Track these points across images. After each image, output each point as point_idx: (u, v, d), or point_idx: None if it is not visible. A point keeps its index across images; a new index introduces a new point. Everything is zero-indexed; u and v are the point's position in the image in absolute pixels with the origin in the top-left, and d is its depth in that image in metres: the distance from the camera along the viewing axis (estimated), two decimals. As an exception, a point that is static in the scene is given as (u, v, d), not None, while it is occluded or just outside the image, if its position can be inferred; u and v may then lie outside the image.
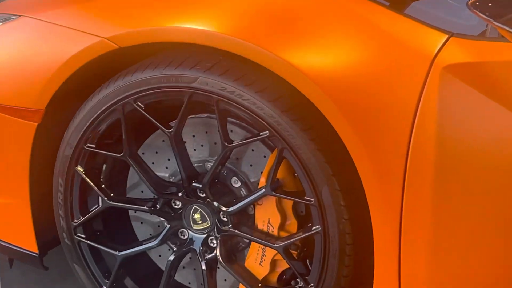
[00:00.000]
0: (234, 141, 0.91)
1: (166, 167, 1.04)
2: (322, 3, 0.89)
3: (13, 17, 1.07)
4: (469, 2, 0.84)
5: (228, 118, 0.93)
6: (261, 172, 0.96)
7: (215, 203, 0.96)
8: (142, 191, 1.07)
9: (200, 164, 1.00)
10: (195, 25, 0.88)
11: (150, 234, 1.08)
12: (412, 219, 0.82)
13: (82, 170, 1.00)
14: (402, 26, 0.84)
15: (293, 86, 0.83)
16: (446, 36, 0.80)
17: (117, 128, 0.97)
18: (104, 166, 1.04)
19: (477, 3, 0.83)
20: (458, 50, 0.79)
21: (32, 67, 1.00)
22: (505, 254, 0.82)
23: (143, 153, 1.04)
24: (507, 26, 0.77)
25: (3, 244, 1.13)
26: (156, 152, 1.04)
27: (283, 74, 0.83)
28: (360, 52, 0.84)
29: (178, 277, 1.07)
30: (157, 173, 1.01)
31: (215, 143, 1.00)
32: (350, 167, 0.84)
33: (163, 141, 1.02)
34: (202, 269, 0.99)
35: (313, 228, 0.89)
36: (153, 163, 1.04)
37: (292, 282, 0.98)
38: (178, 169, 0.97)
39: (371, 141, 0.82)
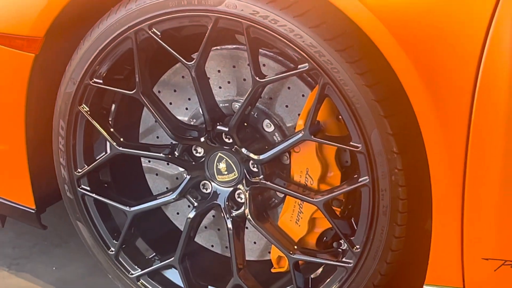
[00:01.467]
0: (266, 76, 0.79)
1: (186, 108, 0.94)
2: None
3: None
4: None
5: (260, 49, 0.82)
6: (299, 114, 0.84)
7: (244, 150, 0.85)
8: (157, 137, 0.98)
9: (227, 104, 0.90)
10: None
11: (167, 188, 0.99)
12: (478, 172, 0.72)
13: (87, 110, 0.89)
14: None
15: (337, 9, 0.73)
16: None
17: (128, 60, 0.86)
18: (113, 106, 0.95)
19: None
20: None
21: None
22: None
23: (159, 92, 0.94)
24: None
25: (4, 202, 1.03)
26: (175, 91, 0.95)
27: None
28: None
29: (199, 239, 0.99)
30: (176, 115, 0.89)
31: (244, 80, 0.88)
32: (405, 108, 0.73)
33: (183, 77, 0.92)
34: (227, 228, 0.88)
35: (360, 179, 0.79)
36: (170, 103, 0.94)
37: (334, 244, 0.89)
38: (200, 110, 0.85)
39: (433, 77, 0.71)
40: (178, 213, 1.01)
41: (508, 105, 0.68)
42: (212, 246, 1.01)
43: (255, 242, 0.95)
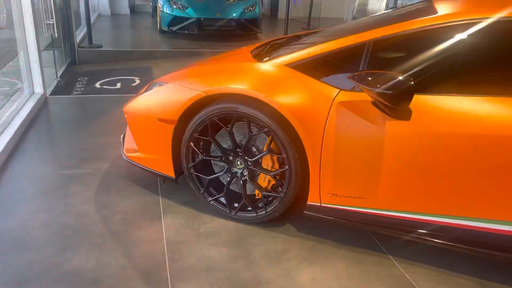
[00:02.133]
0: (253, 132, 2.32)
1: (226, 142, 2.47)
2: (290, 78, 2.23)
3: (164, 83, 2.51)
4: (348, 76, 2.13)
5: (250, 123, 2.33)
6: (264, 144, 2.36)
7: (246, 157, 2.39)
8: (216, 153, 2.51)
9: (240, 141, 2.42)
10: (238, 86, 2.26)
11: (220, 170, 2.53)
12: (324, 159, 2.15)
13: (192, 145, 2.44)
14: (321, 85, 2.16)
15: (277, 111, 2.20)
16: (339, 90, 2.12)
17: (206, 127, 2.39)
18: (201, 142, 2.47)
19: (351, 77, 2.12)
20: (343, 95, 2.10)
21: (174, 102, 2.41)
22: (363, 172, 2.16)
23: (216, 137, 2.46)
24: (363, 85, 2.03)
25: (161, 174, 2.60)
26: (222, 137, 2.47)
27: (273, 105, 2.19)
28: (303, 97, 2.18)
29: (231, 187, 2.53)
30: (222, 145, 2.44)
31: (245, 133, 2.41)
32: (300, 144, 2.20)
33: (225, 132, 2.43)
34: (240, 183, 2.44)
35: (285, 167, 2.29)
36: (220, 141, 2.46)
37: (278, 189, 2.40)
38: (231, 144, 2.40)
39: (309, 134, 2.15)
40: (223, 178, 2.57)
41: (332, 138, 2.15)
42: (235, 189, 2.56)
43: (250, 188, 2.50)
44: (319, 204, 2.24)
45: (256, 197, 2.46)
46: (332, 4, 12.62)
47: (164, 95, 2.47)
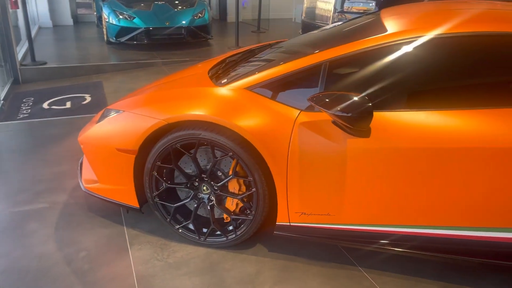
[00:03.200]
0: (217, 157, 2.29)
1: (190, 168, 2.42)
2: (251, 102, 2.21)
3: (120, 111, 2.42)
4: (307, 98, 2.14)
5: (214, 148, 2.29)
6: (229, 168, 2.34)
7: (211, 182, 2.36)
8: (180, 179, 2.46)
9: (204, 165, 2.39)
10: (198, 112, 2.22)
11: (186, 197, 2.48)
12: (290, 179, 2.14)
13: (155, 174, 2.38)
14: (282, 107, 2.16)
15: (240, 135, 2.18)
16: (299, 111, 2.13)
17: (169, 155, 2.34)
18: (164, 170, 2.42)
19: (310, 99, 2.12)
20: (304, 116, 2.11)
21: (133, 131, 2.34)
22: (326, 189, 2.18)
23: (180, 163, 2.41)
24: (323, 108, 2.04)
25: (124, 204, 2.52)
26: (186, 163, 2.42)
27: (236, 129, 2.16)
28: (265, 119, 2.17)
29: (198, 212, 2.49)
30: (186, 171, 2.40)
31: (210, 157, 2.38)
32: (265, 166, 2.18)
33: (188, 158, 2.39)
34: (208, 208, 2.40)
35: (252, 189, 2.27)
36: (184, 167, 2.42)
37: (246, 211, 2.38)
38: (195, 169, 2.36)
39: (274, 155, 2.13)
40: (190, 205, 2.53)
41: (296, 159, 2.15)
42: (202, 214, 2.52)
43: (217, 212, 2.47)
44: (288, 224, 2.25)
45: (225, 221, 2.44)
46: (280, 6, 12.74)
47: (122, 124, 2.40)
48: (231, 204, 2.37)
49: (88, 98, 5.42)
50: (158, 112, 2.29)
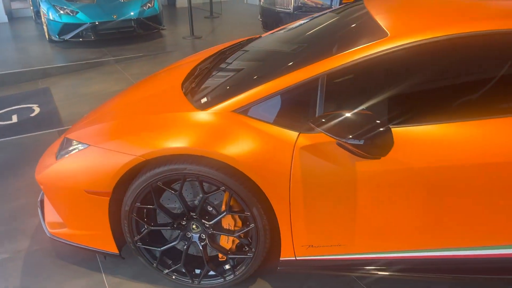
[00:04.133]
0: (207, 192, 1.98)
1: (175, 203, 2.10)
2: (240, 126, 1.90)
3: (84, 145, 2.05)
4: (310, 121, 1.83)
5: (202, 182, 1.98)
6: (221, 201, 2.05)
7: (202, 220, 2.06)
8: (165, 218, 2.14)
9: (190, 200, 2.07)
10: (180, 144, 1.89)
11: (173, 238, 2.16)
12: (294, 211, 1.85)
13: (135, 216, 2.05)
14: (278, 130, 1.86)
15: (232, 166, 1.86)
16: (298, 133, 1.84)
17: (149, 193, 2.00)
18: (145, 210, 2.09)
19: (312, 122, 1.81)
20: (304, 138, 1.82)
21: (104, 170, 1.98)
22: (332, 221, 1.94)
23: (161, 200, 2.09)
24: (330, 134, 1.71)
25: (101, 251, 2.17)
26: (169, 199, 2.10)
27: (226, 160, 1.83)
28: (260, 146, 1.87)
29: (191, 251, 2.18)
30: (171, 210, 2.08)
31: (197, 191, 2.07)
32: (264, 198, 1.88)
33: (172, 194, 2.07)
34: (200, 248, 2.11)
35: (250, 225, 1.98)
36: (167, 204, 2.10)
37: (245, 248, 2.09)
38: (182, 207, 2.04)
39: (273, 186, 1.83)
40: (179, 244, 2.21)
41: (300, 188, 1.86)
42: (193, 252, 2.21)
43: (211, 251, 2.17)
44: (294, 258, 2.01)
45: (220, 259, 2.16)
46: (230, -13, 12.26)
47: (90, 163, 2.04)
48: (226, 241, 2.09)
49: (37, 109, 4.89)
50: (133, 146, 1.95)
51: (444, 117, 1.73)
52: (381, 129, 1.61)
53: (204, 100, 2.12)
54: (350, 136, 1.63)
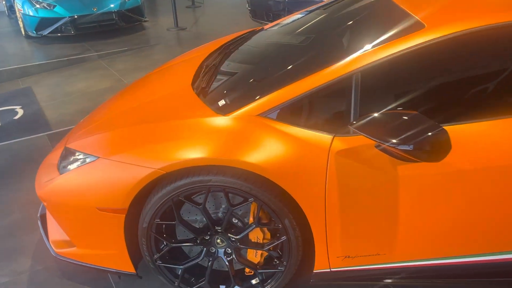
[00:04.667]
0: (235, 204, 1.80)
1: (195, 217, 1.93)
2: (269, 132, 1.73)
3: (92, 157, 1.85)
4: (350, 125, 1.61)
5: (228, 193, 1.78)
6: (247, 212, 1.88)
7: (228, 234, 1.89)
8: (187, 235, 1.96)
9: (213, 212, 1.90)
10: (203, 155, 1.72)
11: (196, 254, 1.98)
12: (330, 220, 1.71)
13: (154, 232, 1.87)
14: (310, 134, 1.67)
15: (261, 176, 1.68)
16: (332, 136, 1.66)
17: (169, 208, 1.82)
18: (164, 225, 1.90)
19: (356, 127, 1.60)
20: (340, 142, 1.65)
21: (118, 185, 1.78)
22: (369, 231, 1.79)
23: (181, 214, 1.91)
24: (378, 140, 1.53)
25: (115, 271, 1.99)
26: (189, 212, 1.93)
27: (255, 169, 1.66)
28: (291, 152, 1.68)
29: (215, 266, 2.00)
30: (193, 224, 1.90)
31: (219, 202, 1.89)
32: (296, 208, 1.72)
33: (192, 207, 1.89)
34: (226, 263, 1.95)
35: (281, 237, 1.80)
36: (188, 218, 1.92)
37: (275, 261, 1.92)
38: (205, 220, 1.87)
39: (307, 195, 1.67)
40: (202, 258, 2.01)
41: (336, 196, 1.67)
42: (216, 267, 2.02)
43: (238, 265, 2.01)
44: (329, 270, 1.87)
45: (247, 273, 2.00)
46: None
47: (101, 177, 1.84)
48: (254, 255, 1.93)
49: (20, 111, 4.61)
50: (150, 158, 1.76)
51: (497, 113, 1.60)
52: (435, 131, 1.47)
53: (222, 102, 1.94)
54: (400, 140, 1.48)
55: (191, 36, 7.16)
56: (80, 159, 1.97)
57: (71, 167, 1.99)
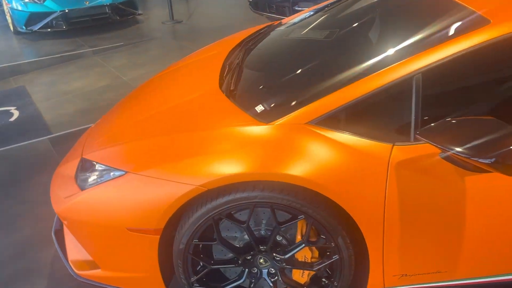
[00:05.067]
0: (283, 222, 1.63)
1: (234, 234, 1.76)
2: (320, 141, 1.55)
3: (119, 171, 1.66)
4: (418, 133, 1.46)
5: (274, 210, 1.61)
6: (292, 229, 1.71)
7: (274, 254, 1.72)
8: (225, 254, 1.79)
9: (256, 230, 1.72)
10: (250, 170, 1.54)
11: (237, 276, 1.81)
12: (389, 237, 1.56)
13: (191, 254, 1.69)
14: (366, 143, 1.51)
15: (313, 190, 1.51)
16: (392, 145, 1.50)
17: (209, 227, 1.64)
18: (200, 245, 1.71)
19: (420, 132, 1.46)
20: (400, 152, 1.49)
21: (152, 204, 1.60)
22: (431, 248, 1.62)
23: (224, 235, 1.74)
24: (429, 140, 1.42)
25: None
26: (228, 230, 1.75)
27: (306, 183, 1.49)
28: (346, 163, 1.51)
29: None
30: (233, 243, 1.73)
31: (261, 220, 1.72)
32: (350, 224, 1.56)
33: (230, 224, 1.71)
34: (270, 284, 1.78)
35: (333, 257, 1.65)
36: (226, 234, 1.74)
37: (323, 281, 1.75)
38: (249, 239, 1.69)
39: (364, 210, 1.52)
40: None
41: (396, 211, 1.51)
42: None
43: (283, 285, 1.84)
44: (383, 289, 1.72)
45: (290, 294, 1.83)
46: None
47: (131, 195, 1.65)
48: (301, 275, 1.77)
49: (16, 112, 4.36)
50: (188, 174, 1.58)
51: None
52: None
53: (260, 108, 1.76)
54: (476, 152, 1.33)
55: (188, 29, 6.92)
56: (102, 171, 1.78)
57: (91, 180, 1.79)
